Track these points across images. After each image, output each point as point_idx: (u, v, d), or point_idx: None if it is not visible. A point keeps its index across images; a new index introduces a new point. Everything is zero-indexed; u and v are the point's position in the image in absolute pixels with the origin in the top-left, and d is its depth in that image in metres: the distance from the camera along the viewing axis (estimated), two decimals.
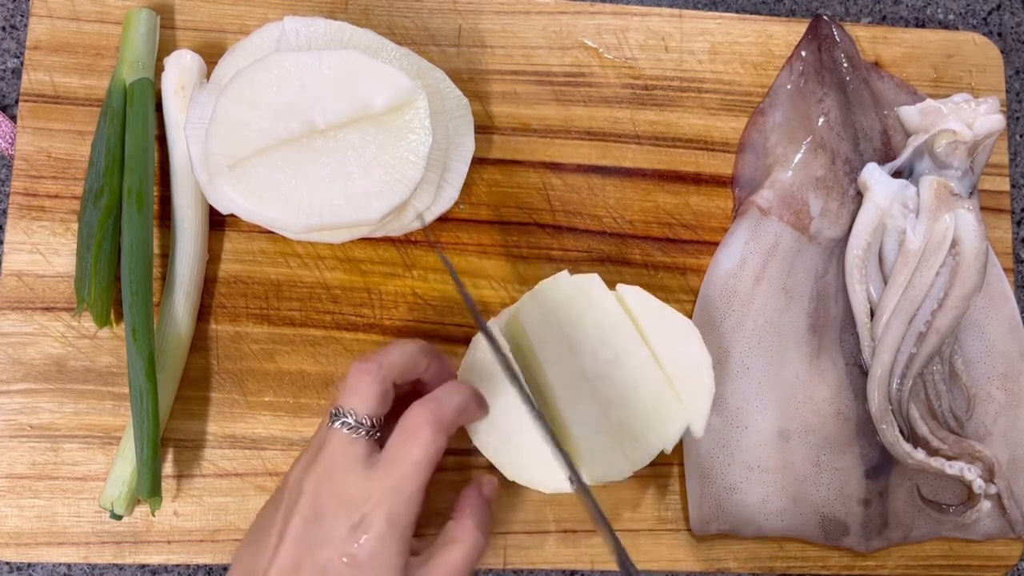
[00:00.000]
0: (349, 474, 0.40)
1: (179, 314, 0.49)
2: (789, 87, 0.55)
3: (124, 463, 0.47)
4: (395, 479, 0.40)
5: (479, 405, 0.45)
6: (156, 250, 0.50)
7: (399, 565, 0.39)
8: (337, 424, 0.41)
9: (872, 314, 0.52)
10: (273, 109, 0.46)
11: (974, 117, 0.51)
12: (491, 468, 0.48)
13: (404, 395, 0.45)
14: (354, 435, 0.41)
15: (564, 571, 0.52)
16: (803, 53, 0.55)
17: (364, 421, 0.41)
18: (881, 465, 0.52)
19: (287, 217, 0.45)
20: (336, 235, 0.48)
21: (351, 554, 0.39)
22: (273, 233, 0.52)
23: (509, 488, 0.50)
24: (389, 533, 0.39)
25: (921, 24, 0.60)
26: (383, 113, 0.46)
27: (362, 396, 0.41)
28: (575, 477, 0.43)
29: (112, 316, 0.49)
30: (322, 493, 0.40)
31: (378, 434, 0.42)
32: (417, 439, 0.40)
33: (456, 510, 0.44)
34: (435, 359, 0.45)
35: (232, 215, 0.52)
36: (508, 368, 0.45)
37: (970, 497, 0.53)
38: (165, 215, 0.51)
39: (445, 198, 0.50)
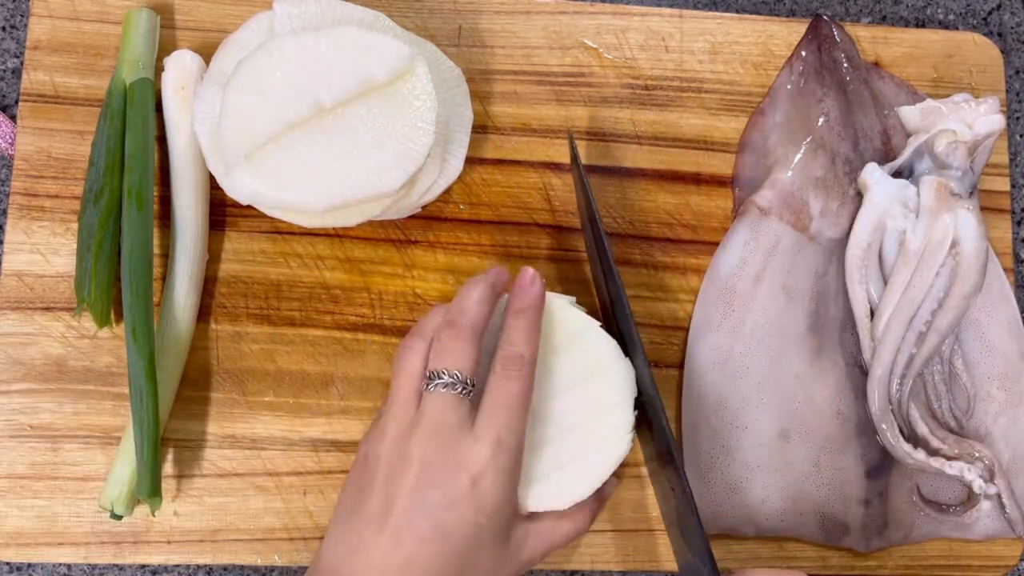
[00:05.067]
0: (457, 433, 0.41)
1: (179, 314, 0.49)
2: (789, 87, 0.55)
3: (124, 463, 0.47)
4: (502, 426, 0.41)
5: (534, 294, 0.45)
6: (156, 250, 0.50)
7: (509, 515, 0.42)
8: (440, 387, 0.42)
9: (872, 314, 0.52)
10: (280, 94, 0.46)
11: (974, 117, 0.51)
12: None
13: None
14: (460, 395, 0.42)
15: (564, 571, 0.52)
16: (803, 53, 0.55)
17: (468, 381, 0.42)
18: (881, 465, 0.52)
19: (310, 198, 0.46)
20: (350, 216, 0.48)
21: (473, 509, 0.40)
22: (273, 233, 0.52)
23: None
24: (507, 479, 0.42)
25: (921, 24, 0.60)
26: (386, 84, 0.47)
27: (458, 355, 0.42)
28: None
29: (112, 316, 0.49)
30: (432, 459, 0.41)
31: (474, 391, 0.43)
32: (508, 379, 0.42)
33: None
34: (502, 289, 0.46)
35: (232, 216, 0.52)
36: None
37: (970, 497, 0.53)
38: (165, 215, 0.51)
39: (451, 169, 0.51)
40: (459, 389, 0.42)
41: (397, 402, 0.43)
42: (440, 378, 0.42)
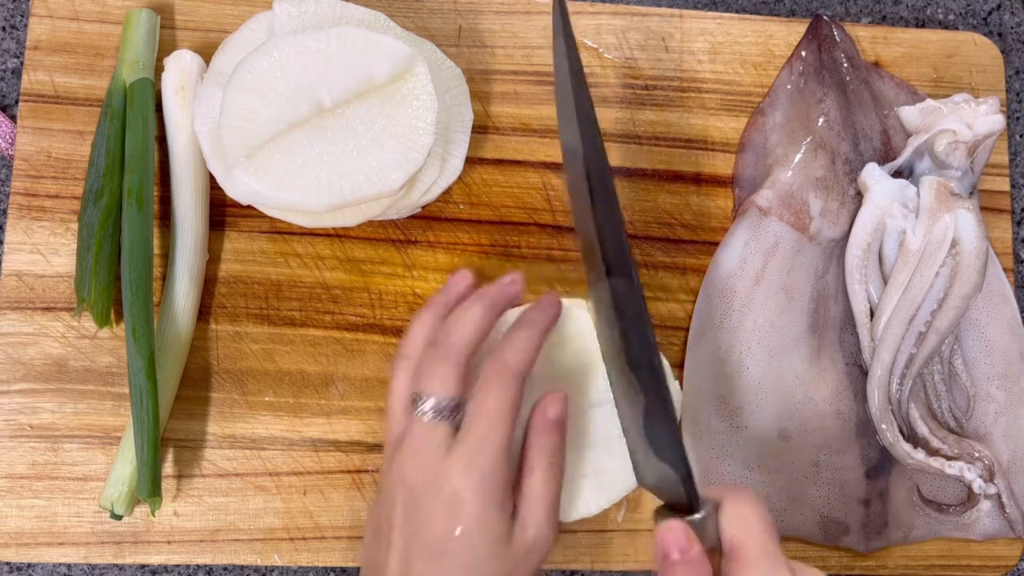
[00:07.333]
0: (434, 456, 0.40)
1: (179, 314, 0.49)
2: (789, 87, 0.55)
3: (124, 463, 0.47)
4: (476, 441, 0.40)
5: (547, 314, 0.44)
6: (156, 250, 0.50)
7: (504, 520, 0.40)
8: (418, 412, 0.41)
9: (872, 314, 0.52)
10: (280, 94, 0.46)
11: (974, 117, 0.51)
12: None
13: None
14: (437, 420, 0.41)
15: (564, 571, 0.52)
16: (803, 53, 0.55)
17: (445, 404, 0.41)
18: (881, 465, 0.52)
19: (310, 199, 0.46)
20: (350, 216, 0.48)
21: (459, 526, 0.39)
22: (273, 233, 0.52)
23: None
24: (485, 495, 0.39)
25: (921, 24, 0.60)
26: (386, 84, 0.47)
27: (440, 380, 0.41)
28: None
29: (112, 316, 0.49)
30: (411, 480, 0.40)
31: (460, 412, 0.41)
32: (488, 393, 0.41)
33: (525, 437, 0.44)
34: (504, 308, 0.45)
35: (232, 216, 0.52)
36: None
37: (970, 497, 0.53)
38: (165, 215, 0.51)
39: (451, 169, 0.51)
40: (438, 414, 0.41)
41: (388, 426, 0.43)
42: (421, 402, 0.41)
